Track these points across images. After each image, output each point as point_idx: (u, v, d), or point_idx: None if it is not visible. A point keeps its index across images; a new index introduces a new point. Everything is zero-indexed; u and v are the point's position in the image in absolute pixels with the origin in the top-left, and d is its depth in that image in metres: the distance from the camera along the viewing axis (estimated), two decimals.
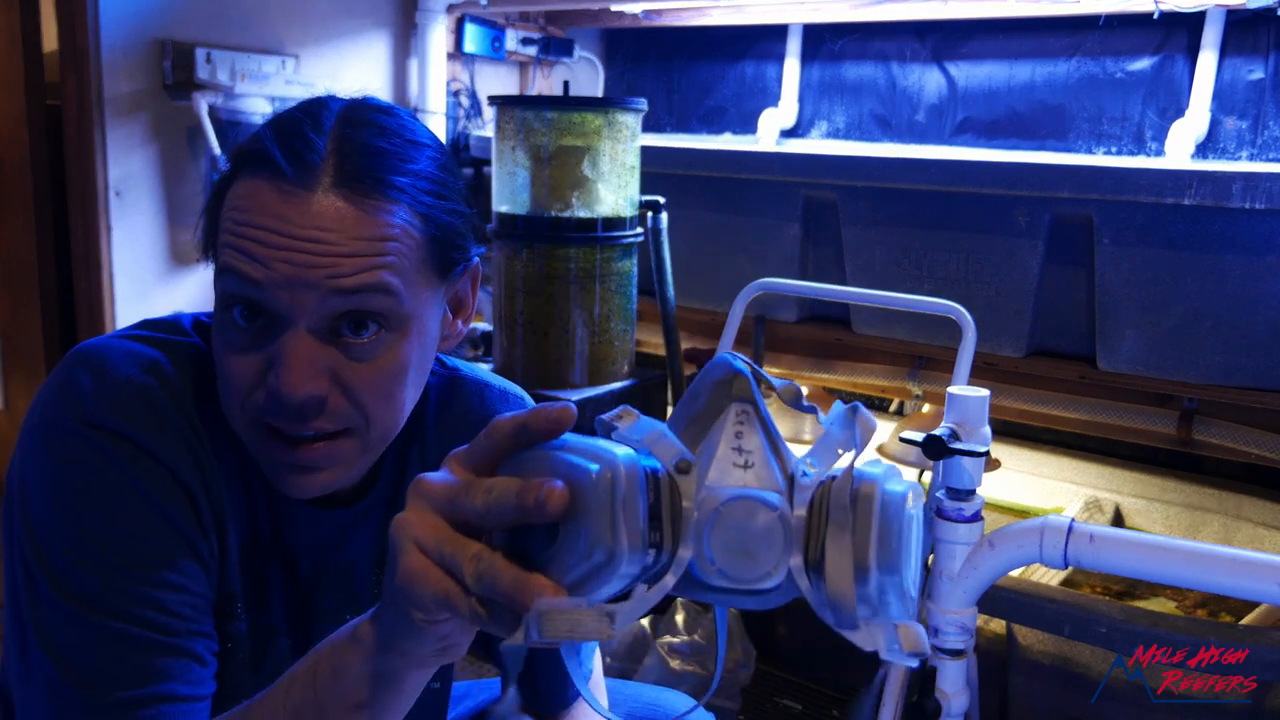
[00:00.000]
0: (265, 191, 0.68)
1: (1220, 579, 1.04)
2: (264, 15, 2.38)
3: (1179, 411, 1.90)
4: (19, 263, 2.40)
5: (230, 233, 0.69)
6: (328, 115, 0.72)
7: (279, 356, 0.68)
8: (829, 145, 2.72)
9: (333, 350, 0.70)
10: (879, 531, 0.46)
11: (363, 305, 0.69)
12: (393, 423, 0.75)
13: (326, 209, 0.68)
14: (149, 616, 0.69)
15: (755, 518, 0.46)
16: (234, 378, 0.71)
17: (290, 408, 0.69)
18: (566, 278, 1.99)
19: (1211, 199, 1.70)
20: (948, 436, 1.27)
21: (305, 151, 0.68)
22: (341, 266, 0.68)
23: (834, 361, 2.29)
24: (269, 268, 0.67)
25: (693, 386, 0.52)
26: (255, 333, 0.70)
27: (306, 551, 0.81)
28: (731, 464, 0.48)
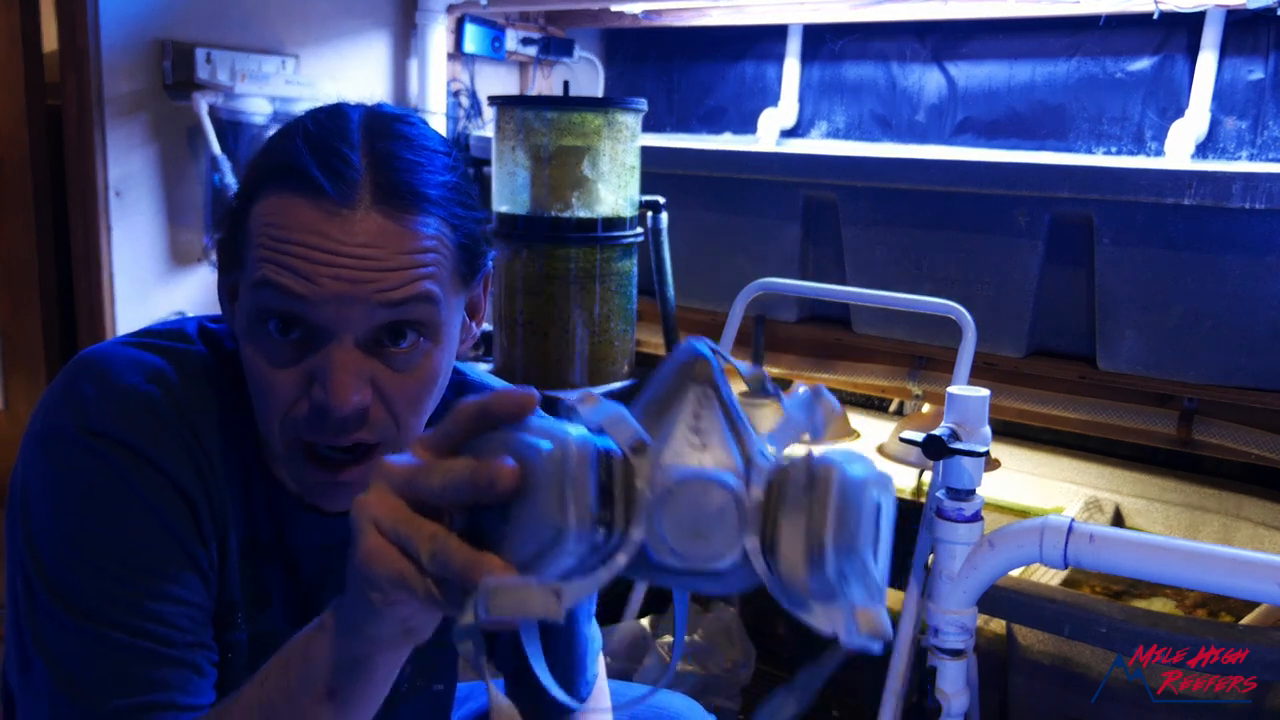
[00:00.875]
0: (305, 209, 0.68)
1: (1220, 579, 1.04)
2: (264, 15, 2.38)
3: (1179, 411, 1.90)
4: (19, 263, 2.40)
5: (268, 247, 0.69)
6: (352, 127, 0.72)
7: (325, 369, 0.69)
8: (829, 145, 2.72)
9: (374, 361, 0.71)
10: (836, 511, 0.45)
11: (406, 316, 0.70)
12: (419, 430, 0.76)
13: (370, 226, 0.68)
14: (148, 628, 0.69)
15: (708, 497, 0.46)
16: (274, 393, 0.71)
17: (337, 420, 0.69)
18: (566, 278, 1.99)
19: (1211, 199, 1.70)
20: (948, 436, 1.27)
21: (344, 168, 0.69)
22: (388, 280, 0.69)
23: (834, 361, 2.29)
24: (315, 283, 0.68)
25: (656, 372, 0.51)
26: (293, 346, 0.70)
27: (310, 554, 0.81)
28: (688, 445, 0.47)
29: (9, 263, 2.41)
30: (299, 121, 0.75)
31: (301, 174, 0.69)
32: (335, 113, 0.74)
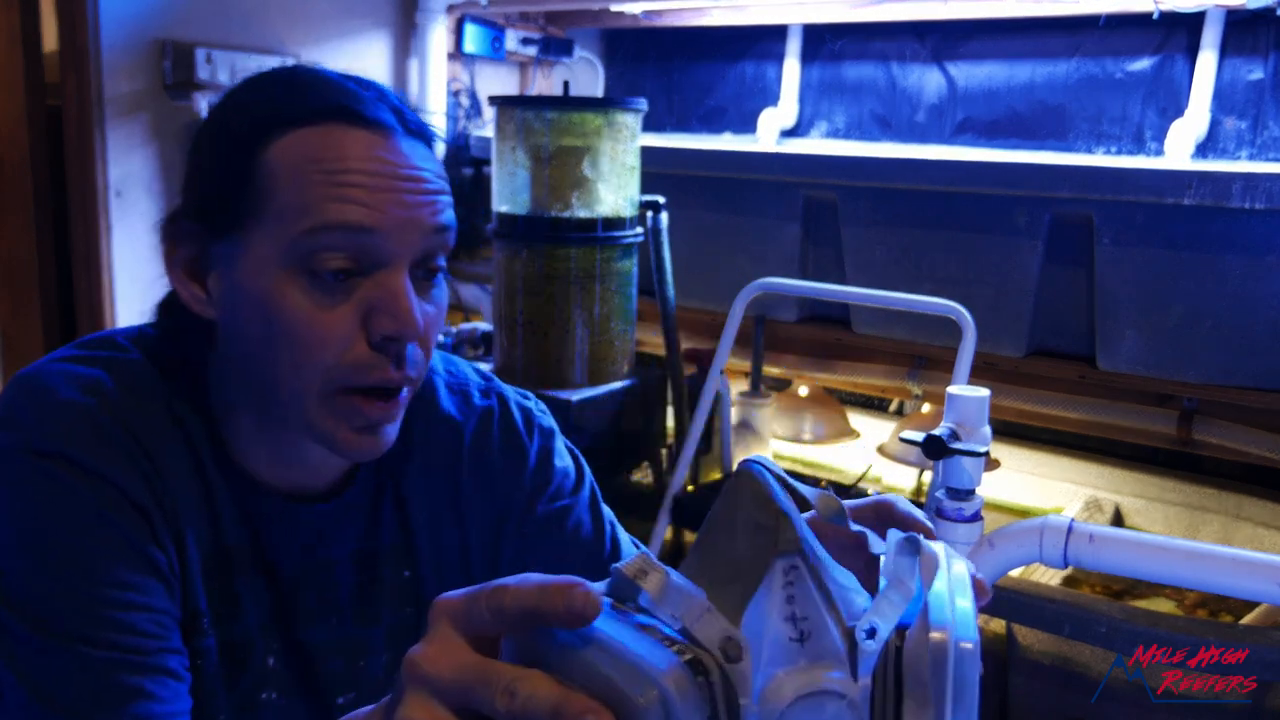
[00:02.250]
0: (360, 138, 0.69)
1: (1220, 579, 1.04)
2: (264, 15, 2.38)
3: (1179, 411, 1.90)
4: (19, 263, 2.40)
5: (324, 184, 0.67)
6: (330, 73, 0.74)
7: (392, 295, 0.68)
8: (829, 145, 2.72)
9: (416, 290, 0.71)
10: (953, 697, 0.40)
11: (444, 242, 0.72)
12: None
13: (415, 150, 0.71)
14: (117, 639, 0.68)
15: (822, 713, 0.41)
16: (325, 337, 0.68)
17: (406, 341, 0.69)
18: (566, 278, 1.99)
19: (1211, 199, 1.70)
20: (948, 436, 1.27)
21: (368, 96, 0.70)
22: (438, 203, 0.71)
23: (834, 361, 2.29)
24: (382, 211, 0.68)
25: (720, 515, 0.44)
26: (342, 290, 0.69)
27: (286, 552, 0.80)
28: (787, 638, 0.41)
29: (9, 263, 2.41)
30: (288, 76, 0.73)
31: (347, 107, 0.69)
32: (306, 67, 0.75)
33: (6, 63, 2.32)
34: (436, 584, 0.86)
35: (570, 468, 0.91)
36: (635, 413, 2.07)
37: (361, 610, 0.84)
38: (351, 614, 0.83)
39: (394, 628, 0.85)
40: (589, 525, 0.89)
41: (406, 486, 0.85)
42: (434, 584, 0.86)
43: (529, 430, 0.89)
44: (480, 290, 2.79)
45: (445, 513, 0.87)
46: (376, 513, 0.84)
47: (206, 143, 0.74)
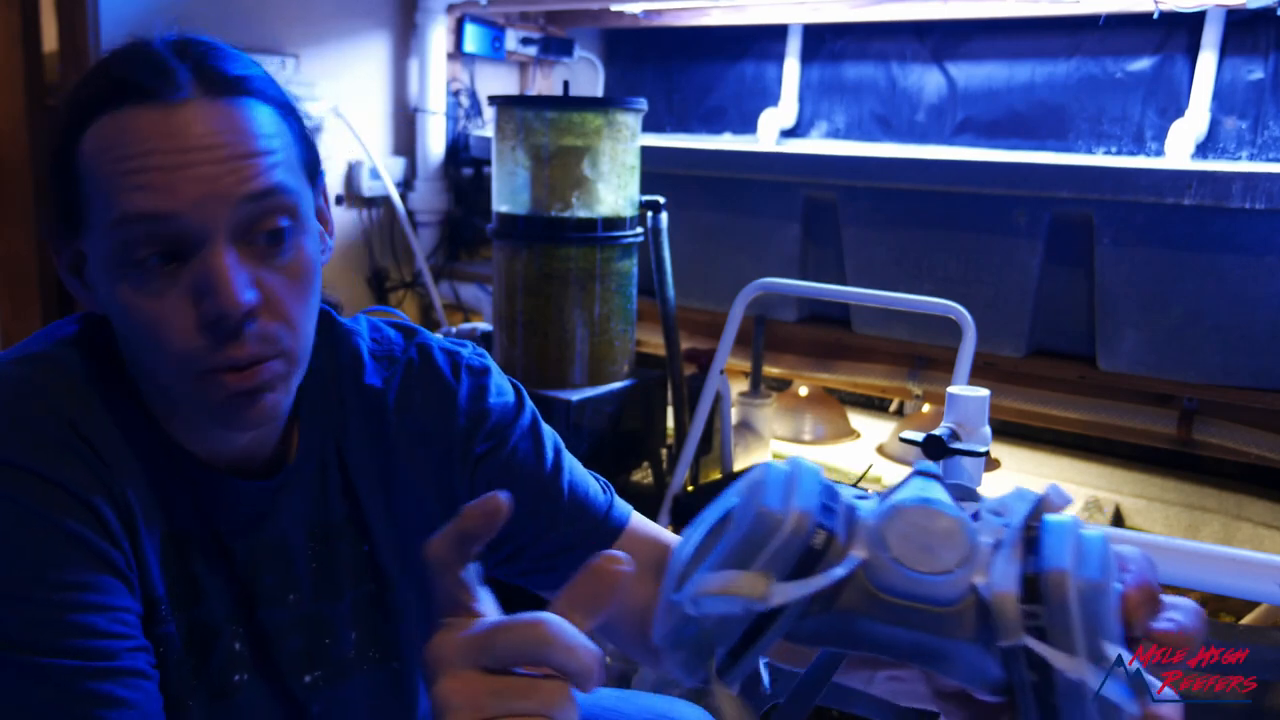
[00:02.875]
0: (140, 117, 0.66)
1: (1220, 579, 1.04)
2: (264, 15, 2.38)
3: (1179, 411, 1.90)
4: (19, 263, 2.40)
5: (113, 174, 0.65)
6: (158, 43, 0.71)
7: (207, 275, 0.66)
8: (829, 145, 2.72)
9: (251, 259, 0.68)
10: (1082, 554, 0.43)
11: (273, 205, 0.68)
12: (309, 334, 0.74)
13: (208, 115, 0.66)
14: (80, 645, 0.65)
15: (935, 521, 0.44)
16: (164, 325, 0.67)
17: (233, 325, 0.66)
18: (566, 278, 1.99)
19: (1211, 199, 1.70)
20: (948, 436, 1.27)
21: (164, 69, 0.67)
22: (245, 169, 0.66)
23: (834, 361, 2.29)
24: (174, 191, 0.65)
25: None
26: (170, 274, 0.67)
27: (237, 532, 0.78)
28: (921, 497, 0.46)
29: (9, 263, 2.41)
30: (100, 59, 0.72)
31: (126, 85, 0.66)
32: (135, 40, 0.73)
33: (6, 63, 2.32)
34: (396, 555, 0.85)
35: (508, 401, 0.89)
36: (635, 413, 2.07)
37: (321, 586, 0.82)
38: (311, 590, 0.82)
39: (356, 603, 0.84)
40: (529, 452, 0.88)
41: (350, 458, 0.84)
42: (394, 557, 0.85)
43: (455, 372, 0.87)
44: (480, 290, 2.79)
45: (392, 481, 0.85)
46: (324, 485, 0.83)
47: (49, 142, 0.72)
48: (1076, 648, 0.41)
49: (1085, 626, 0.41)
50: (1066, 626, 0.41)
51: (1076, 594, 0.41)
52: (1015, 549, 0.44)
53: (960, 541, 0.44)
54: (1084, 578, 0.42)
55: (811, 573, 0.44)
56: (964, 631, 0.43)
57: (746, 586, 0.43)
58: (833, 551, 0.44)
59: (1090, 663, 0.41)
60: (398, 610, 0.86)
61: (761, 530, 0.44)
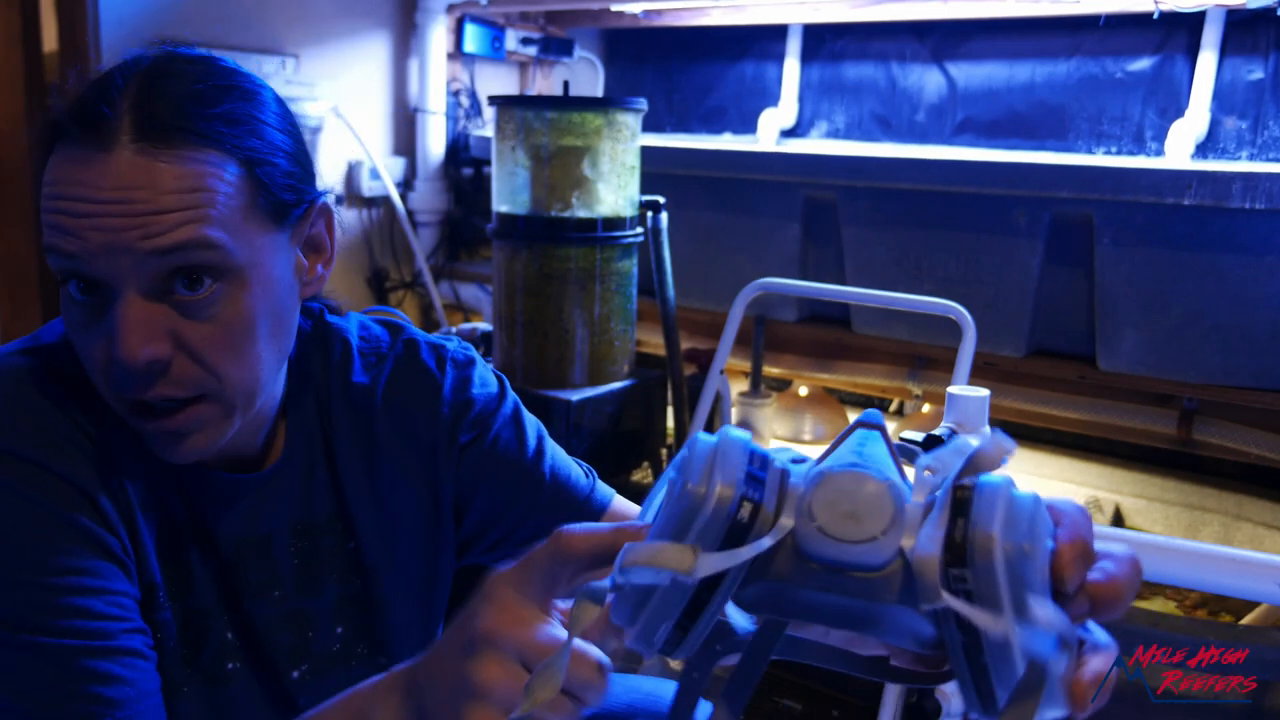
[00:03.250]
0: (65, 163, 0.67)
1: (1220, 579, 1.04)
2: (264, 15, 2.38)
3: (1179, 411, 1.90)
4: (19, 263, 2.40)
5: (46, 210, 0.68)
6: (131, 72, 0.69)
7: (112, 325, 0.67)
8: (829, 145, 2.72)
9: (169, 311, 0.68)
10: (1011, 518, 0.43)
11: (185, 261, 0.67)
12: (251, 380, 0.73)
13: (126, 167, 0.65)
14: (77, 625, 0.67)
15: (863, 486, 0.45)
16: (88, 358, 0.70)
17: (130, 373, 0.67)
18: (566, 278, 1.99)
19: (1211, 199, 1.70)
20: (948, 436, 1.27)
21: (96, 115, 0.66)
22: (153, 225, 0.65)
23: (834, 361, 2.29)
24: (82, 238, 0.65)
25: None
26: (94, 306, 0.69)
27: (224, 527, 0.79)
28: (848, 461, 0.46)
29: (9, 263, 2.41)
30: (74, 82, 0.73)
31: (60, 127, 0.67)
32: (127, 60, 0.72)
33: (6, 63, 2.32)
34: (383, 550, 0.86)
35: (491, 391, 0.90)
36: (635, 413, 2.07)
37: (303, 582, 0.84)
38: (295, 586, 0.83)
39: (341, 599, 0.85)
40: (511, 439, 0.89)
41: (339, 457, 0.85)
42: (380, 553, 0.86)
43: (440, 365, 0.89)
44: (480, 290, 2.79)
45: (378, 476, 0.86)
46: (310, 482, 0.84)
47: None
48: (1002, 608, 0.42)
49: (1012, 588, 0.42)
50: (993, 588, 0.42)
51: (1003, 556, 0.42)
52: (944, 511, 0.44)
53: (886, 506, 0.44)
54: (1012, 540, 0.42)
55: (740, 544, 0.45)
56: (892, 595, 0.44)
57: (673, 559, 0.44)
58: (761, 521, 0.45)
59: (1016, 621, 0.42)
60: (384, 603, 0.87)
61: (686, 506, 0.45)
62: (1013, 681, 0.42)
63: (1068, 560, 0.44)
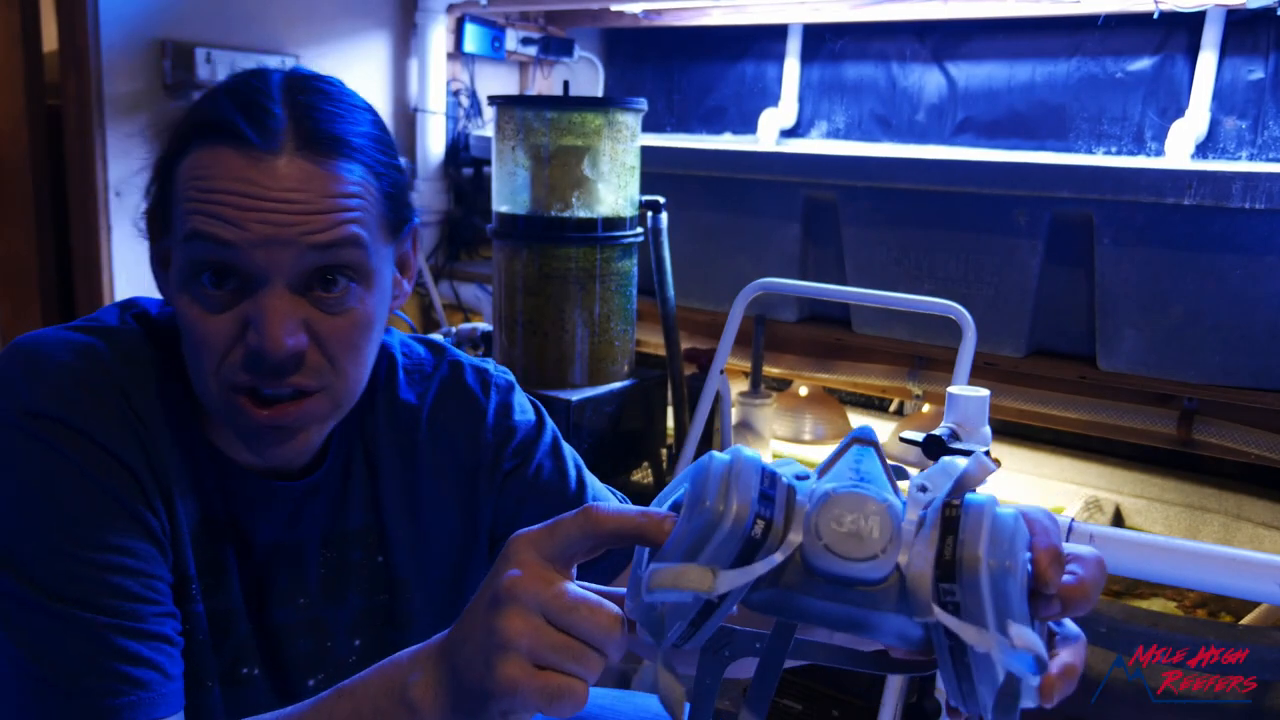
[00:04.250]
0: (231, 158, 0.70)
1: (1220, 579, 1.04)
2: (264, 15, 2.38)
3: (1179, 411, 1.90)
4: (19, 263, 2.40)
5: (195, 200, 0.70)
6: (273, 84, 0.74)
7: (259, 313, 0.70)
8: (829, 145, 2.72)
9: (307, 305, 0.72)
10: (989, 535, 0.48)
11: (335, 259, 0.72)
12: (359, 379, 0.77)
13: (295, 171, 0.70)
14: (115, 604, 0.69)
15: (864, 506, 0.49)
16: (208, 340, 0.72)
17: (273, 362, 0.70)
18: (566, 278, 1.99)
19: (1211, 199, 1.70)
20: (948, 436, 1.27)
21: (266, 118, 0.71)
22: (314, 223, 0.70)
23: (834, 361, 2.29)
24: (244, 229, 0.69)
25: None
26: (228, 295, 0.71)
27: (260, 531, 0.81)
28: (848, 479, 0.51)
29: (9, 263, 2.41)
30: (220, 84, 0.77)
31: (225, 125, 0.71)
32: (255, 73, 0.76)
33: (6, 63, 2.32)
34: (414, 569, 0.88)
35: (531, 420, 0.93)
36: (635, 413, 2.07)
37: (329, 591, 0.85)
38: (319, 594, 0.84)
39: (366, 612, 0.87)
40: (551, 469, 0.91)
41: (379, 472, 0.86)
42: (410, 569, 0.88)
43: (484, 389, 0.92)
44: (480, 290, 2.79)
45: (418, 493, 0.88)
46: (346, 494, 0.85)
47: (158, 149, 0.78)
48: (987, 622, 0.47)
49: (995, 603, 0.47)
50: (978, 603, 0.47)
51: (988, 573, 0.47)
52: (934, 529, 0.49)
53: (886, 527, 0.49)
54: (996, 558, 0.47)
55: (753, 559, 0.49)
56: (889, 605, 0.49)
57: (695, 580, 0.49)
58: (773, 536, 0.50)
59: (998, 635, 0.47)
60: (409, 619, 0.88)
61: (704, 524, 0.49)
62: (994, 684, 0.48)
63: (1044, 567, 0.50)
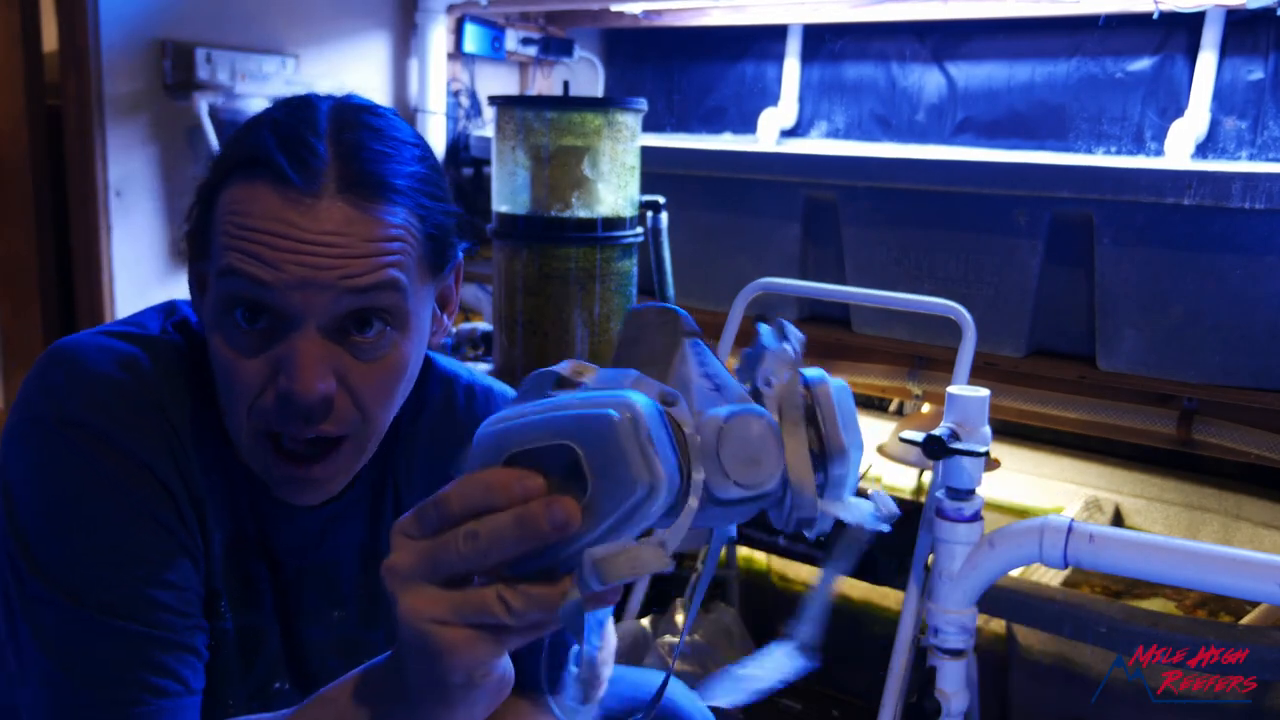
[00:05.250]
0: (270, 196, 0.69)
1: (1220, 579, 1.04)
2: (264, 15, 2.38)
3: (1179, 411, 1.90)
4: (19, 263, 2.40)
5: (233, 235, 0.69)
6: (320, 117, 0.73)
7: (290, 357, 0.69)
8: (829, 145, 2.72)
9: (340, 350, 0.71)
10: (841, 419, 0.54)
11: (373, 303, 0.70)
12: (385, 421, 0.76)
13: (335, 214, 0.69)
14: (149, 615, 0.69)
15: (751, 429, 0.51)
16: (240, 382, 0.71)
17: (302, 407, 0.69)
18: (566, 278, 1.99)
19: (1211, 199, 1.70)
20: (948, 436, 1.27)
21: (309, 157, 0.69)
22: (353, 267, 0.69)
23: (834, 361, 2.29)
24: (280, 270, 0.68)
25: (628, 333, 0.55)
26: (259, 335, 0.70)
27: (288, 550, 0.81)
28: (708, 390, 0.52)
29: (9, 263, 2.41)
30: (267, 112, 0.75)
31: (267, 163, 0.69)
32: (303, 103, 0.75)
33: (6, 63, 2.32)
34: None
35: None
36: None
37: (365, 611, 0.85)
38: (356, 614, 0.84)
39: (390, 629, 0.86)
40: None
41: (407, 490, 0.86)
42: None
43: None
44: (480, 290, 2.79)
45: None
46: (377, 515, 0.85)
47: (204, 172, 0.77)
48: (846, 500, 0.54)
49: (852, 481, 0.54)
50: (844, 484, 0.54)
51: (852, 457, 0.53)
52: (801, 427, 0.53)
53: (772, 443, 0.51)
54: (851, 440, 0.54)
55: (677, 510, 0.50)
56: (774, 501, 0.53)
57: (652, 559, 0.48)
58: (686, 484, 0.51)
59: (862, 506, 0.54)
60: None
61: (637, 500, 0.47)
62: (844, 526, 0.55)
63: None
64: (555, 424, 0.49)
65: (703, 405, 0.51)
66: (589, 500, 0.48)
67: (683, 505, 0.49)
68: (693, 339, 0.54)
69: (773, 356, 0.55)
